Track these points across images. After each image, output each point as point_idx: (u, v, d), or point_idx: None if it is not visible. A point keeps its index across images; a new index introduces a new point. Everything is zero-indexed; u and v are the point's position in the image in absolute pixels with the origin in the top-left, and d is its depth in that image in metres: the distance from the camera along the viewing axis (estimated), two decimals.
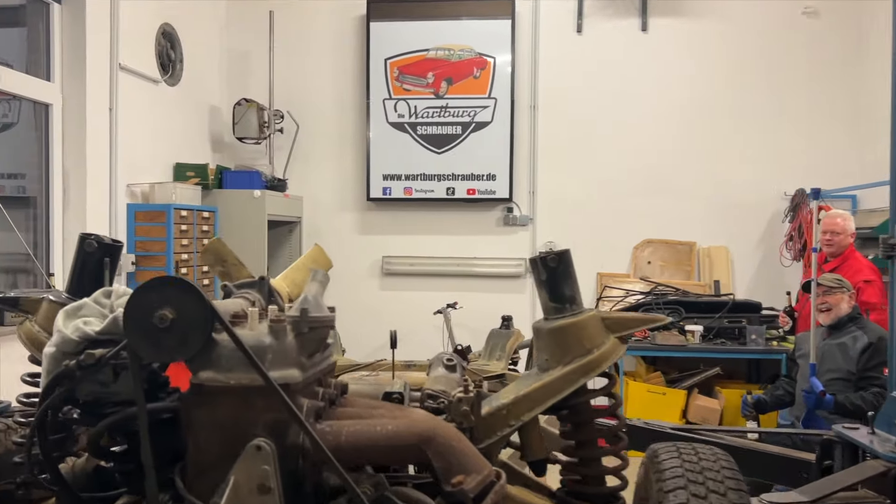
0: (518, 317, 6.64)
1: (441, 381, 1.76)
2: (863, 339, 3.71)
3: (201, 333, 1.25)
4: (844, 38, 6.62)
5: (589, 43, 6.85)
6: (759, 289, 6.63)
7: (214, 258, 2.14)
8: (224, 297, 1.64)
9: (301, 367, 1.29)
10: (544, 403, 1.57)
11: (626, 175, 6.77)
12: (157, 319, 1.21)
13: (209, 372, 1.27)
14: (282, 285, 2.12)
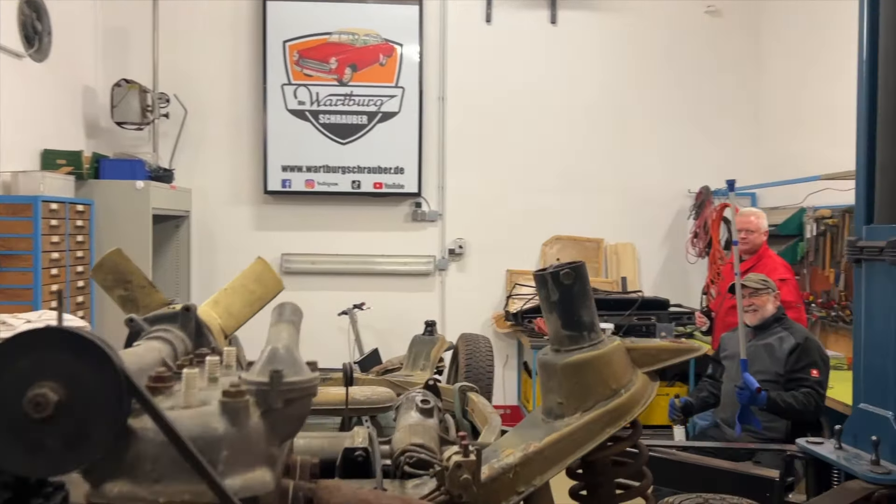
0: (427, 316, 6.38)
1: (418, 432, 1.34)
2: (790, 340, 3.67)
3: (109, 423, 0.77)
4: (745, 37, 6.75)
5: (498, 33, 6.64)
6: (665, 285, 6.67)
7: (113, 277, 1.55)
8: (129, 338, 1.16)
9: (272, 464, 0.86)
10: (562, 462, 1.21)
11: (536, 170, 6.63)
12: (29, 405, 0.75)
13: (123, 484, 0.81)
14: (211, 315, 1.58)
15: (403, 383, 3.24)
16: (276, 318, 1.03)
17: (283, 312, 1.09)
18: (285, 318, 1.05)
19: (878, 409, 2.04)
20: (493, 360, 3.47)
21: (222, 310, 1.65)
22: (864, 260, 2.12)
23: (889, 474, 1.91)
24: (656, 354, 1.20)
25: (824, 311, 5.30)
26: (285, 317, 1.07)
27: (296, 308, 1.06)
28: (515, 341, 6.58)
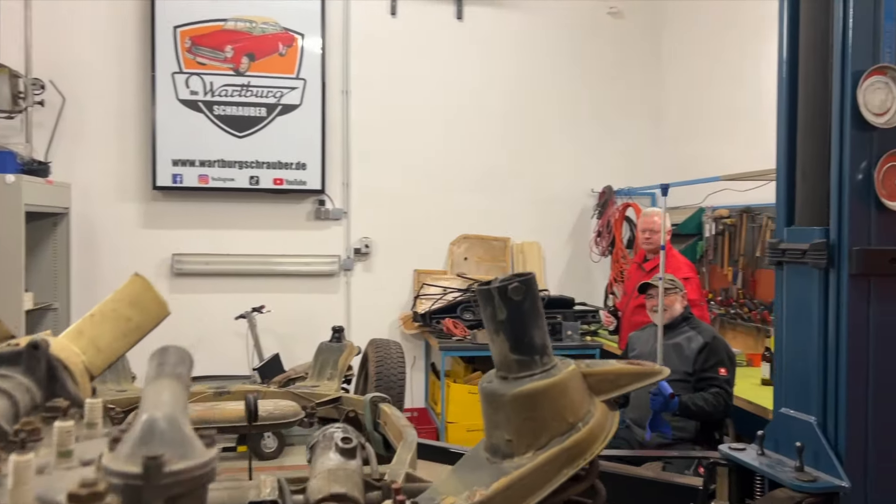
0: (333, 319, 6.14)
1: (339, 478, 1.10)
2: (697, 339, 3.70)
3: None
4: (647, 38, 6.88)
5: (404, 27, 6.47)
6: (570, 284, 6.71)
7: None
8: None
9: None
10: None
11: (443, 168, 6.50)
12: None
13: None
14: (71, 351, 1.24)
15: (309, 395, 3.02)
16: (155, 370, 0.77)
17: (163, 362, 0.79)
18: (168, 371, 0.77)
19: (801, 413, 2.02)
20: (404, 366, 3.31)
21: (87, 343, 1.32)
22: (786, 262, 2.09)
23: (815, 482, 1.87)
24: (615, 380, 1.04)
25: (723, 308, 5.45)
26: (167, 369, 0.78)
27: (182, 355, 0.79)
28: (423, 342, 6.44)
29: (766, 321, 4.98)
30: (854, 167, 1.90)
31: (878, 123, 1.87)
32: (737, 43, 5.63)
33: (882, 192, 1.88)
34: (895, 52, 1.93)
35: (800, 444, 1.94)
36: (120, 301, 1.40)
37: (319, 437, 1.23)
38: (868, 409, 1.91)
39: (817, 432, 1.95)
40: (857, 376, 1.90)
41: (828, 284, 1.96)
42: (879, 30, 1.90)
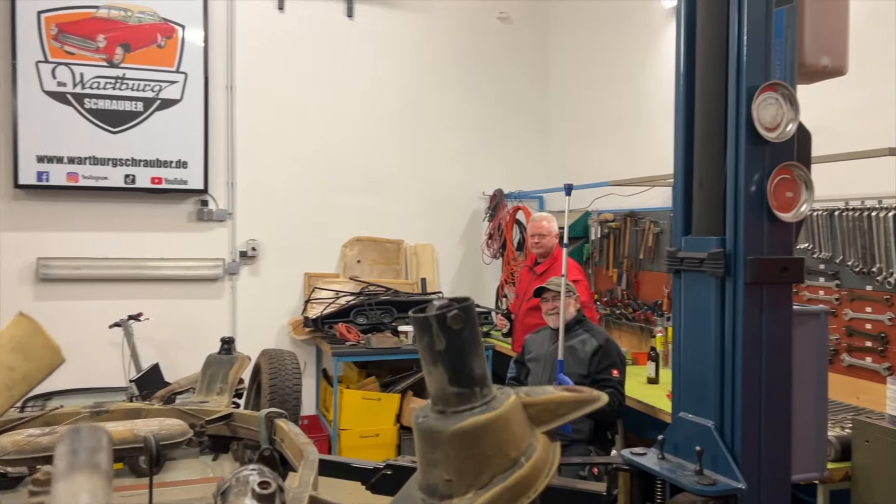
0: (217, 326, 5.88)
1: None
2: (591, 342, 3.77)
3: None
4: (534, 45, 7.00)
5: (292, 23, 6.26)
6: (462, 286, 6.74)
7: None
8: None
9: None
10: None
11: (335, 168, 6.35)
12: None
13: None
14: None
15: (198, 412, 2.84)
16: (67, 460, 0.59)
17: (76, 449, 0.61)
18: (83, 460, 0.60)
19: (699, 418, 2.07)
20: (300, 378, 3.17)
21: None
22: (684, 270, 2.14)
23: (714, 484, 1.93)
24: (556, 409, 0.99)
25: (609, 308, 5.63)
26: (82, 458, 0.60)
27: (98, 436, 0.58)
28: (314, 348, 6.26)
29: (649, 321, 5.18)
30: (748, 179, 1.97)
31: (770, 138, 1.95)
32: (621, 52, 5.83)
33: (774, 204, 1.96)
34: (784, 65, 2.02)
35: (699, 448, 1.99)
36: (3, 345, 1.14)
37: (232, 481, 1.10)
38: (761, 412, 1.98)
39: (715, 436, 2.01)
40: (752, 380, 1.98)
41: (724, 292, 2.02)
42: (770, 45, 1.98)
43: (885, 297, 3.39)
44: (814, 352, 2.11)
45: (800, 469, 2.09)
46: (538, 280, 4.80)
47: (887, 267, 3.34)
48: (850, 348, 3.57)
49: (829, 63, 2.12)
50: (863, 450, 2.77)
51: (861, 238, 3.47)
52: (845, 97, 3.71)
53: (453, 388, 0.89)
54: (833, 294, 3.66)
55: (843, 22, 2.14)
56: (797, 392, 2.06)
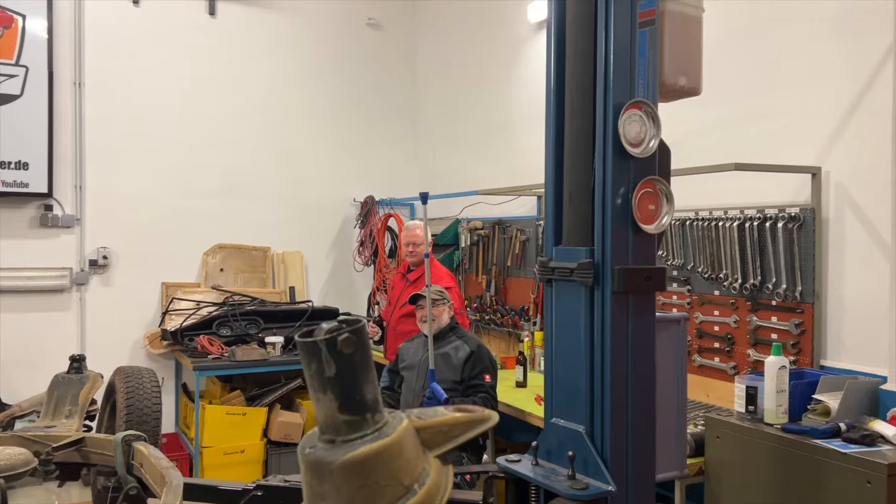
0: (63, 341, 5.44)
1: None
2: (464, 348, 3.81)
3: None
4: (404, 52, 7.02)
5: (149, 18, 5.91)
6: (333, 294, 6.63)
7: None
8: None
9: None
10: None
11: (195, 172, 6.04)
12: None
13: None
14: None
15: (44, 438, 2.59)
16: None
17: None
18: None
19: (571, 423, 2.13)
20: (160, 397, 2.97)
21: None
22: (555, 280, 2.20)
23: (586, 489, 1.99)
24: (448, 431, 0.95)
25: (478, 314, 5.72)
26: None
27: None
28: (173, 362, 5.92)
29: (517, 326, 5.32)
30: (615, 192, 2.05)
31: (634, 153, 2.05)
32: (489, 63, 5.96)
33: (638, 216, 2.06)
34: (647, 84, 2.13)
35: (571, 453, 2.05)
36: None
37: None
38: (629, 416, 2.07)
39: (586, 440, 2.08)
40: (619, 386, 2.06)
41: (593, 300, 2.10)
42: (635, 65, 2.08)
43: (730, 302, 3.65)
44: (674, 356, 2.24)
45: (663, 468, 2.20)
46: (411, 287, 4.81)
47: (732, 273, 3.61)
48: (701, 349, 3.82)
49: (685, 83, 2.26)
50: (714, 445, 2.96)
51: (709, 246, 3.73)
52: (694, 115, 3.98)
53: (343, 415, 0.85)
54: (685, 299, 3.91)
55: (698, 45, 2.29)
56: (659, 395, 2.18)
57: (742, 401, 2.92)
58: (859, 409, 2.81)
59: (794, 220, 3.34)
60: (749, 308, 3.56)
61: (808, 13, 3.41)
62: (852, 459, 2.46)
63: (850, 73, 3.23)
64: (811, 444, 2.61)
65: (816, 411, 2.83)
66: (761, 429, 2.80)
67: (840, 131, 3.27)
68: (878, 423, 2.66)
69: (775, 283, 3.42)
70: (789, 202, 3.43)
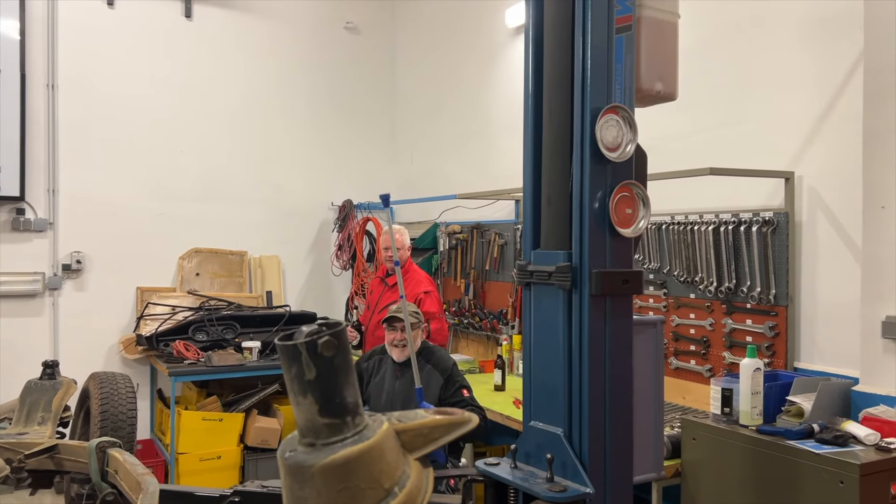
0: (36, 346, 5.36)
1: None
2: (436, 376, 3.70)
3: None
4: (382, 56, 7.01)
5: (124, 20, 5.85)
6: (311, 298, 6.60)
7: None
8: None
9: None
10: None
11: (171, 176, 5.99)
12: None
13: None
14: None
15: (16, 445, 2.54)
16: None
17: None
18: None
19: (549, 426, 2.14)
20: (135, 403, 2.93)
21: None
22: (534, 283, 2.21)
23: (564, 491, 1.99)
24: (429, 434, 0.95)
25: (457, 318, 5.73)
26: None
27: None
28: (148, 367, 5.85)
29: (495, 330, 5.33)
30: (592, 196, 2.06)
31: (611, 157, 2.06)
32: (467, 68, 5.98)
33: (616, 220, 2.07)
34: (623, 89, 2.14)
35: (550, 456, 2.06)
36: None
37: None
38: (606, 418, 2.08)
39: (564, 443, 2.09)
40: (597, 388, 2.07)
41: (571, 303, 2.11)
42: (612, 70, 2.10)
43: (706, 305, 3.69)
44: (651, 359, 2.25)
45: (640, 470, 2.22)
46: (389, 291, 4.80)
47: (708, 276, 3.65)
48: (677, 352, 3.86)
49: (662, 88, 2.28)
50: (690, 447, 2.99)
51: (685, 250, 3.77)
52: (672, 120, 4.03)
53: (324, 419, 0.84)
54: (661, 302, 3.95)
55: (674, 51, 2.31)
56: (636, 397, 2.19)
57: (717, 403, 2.95)
58: (832, 411, 2.85)
59: (767, 224, 3.39)
60: (724, 311, 3.60)
61: (781, 21, 3.47)
62: (825, 460, 2.50)
63: (821, 79, 3.29)
64: (785, 445, 2.64)
65: (790, 413, 2.87)
66: (736, 430, 2.83)
67: (812, 136, 3.33)
68: (850, 423, 2.70)
69: (750, 286, 3.46)
70: (763, 206, 3.48)
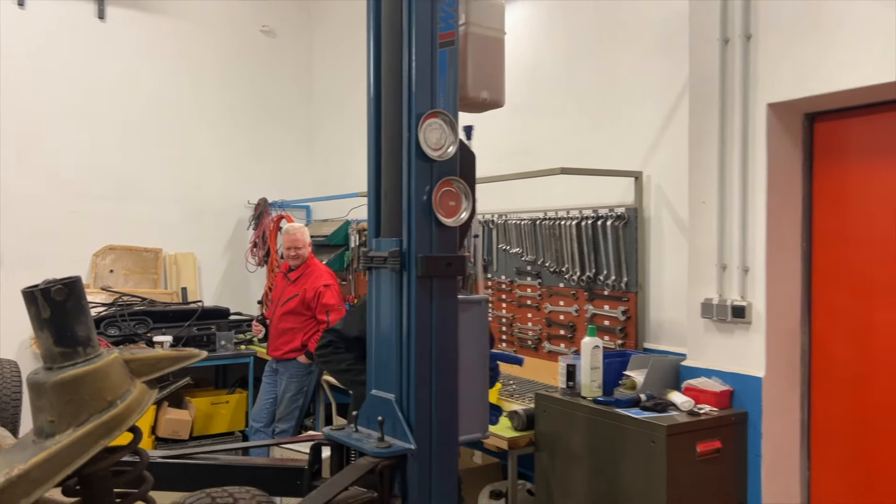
0: None
1: None
2: None
3: None
4: (298, 59, 7.23)
5: (34, 20, 5.94)
6: (226, 294, 6.76)
7: None
8: None
9: None
10: (51, 481, 1.14)
11: (84, 173, 6.10)
12: None
13: None
14: None
15: None
16: None
17: None
18: None
19: (385, 393, 2.42)
20: (20, 387, 3.11)
21: None
22: (373, 268, 2.49)
23: (390, 447, 2.27)
24: (155, 363, 1.25)
25: None
26: None
27: None
28: None
29: None
30: (419, 191, 2.35)
31: (434, 157, 2.35)
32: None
33: (439, 212, 2.36)
34: (447, 97, 2.44)
35: (381, 419, 2.34)
36: None
37: None
38: (431, 384, 2.37)
39: (395, 407, 2.37)
40: (423, 358, 2.36)
41: (402, 285, 2.39)
42: (436, 80, 2.39)
43: (572, 293, 4.04)
44: (476, 333, 2.55)
45: (467, 431, 2.51)
46: (292, 285, 5.04)
47: (573, 267, 4.00)
48: (550, 337, 4.20)
49: (488, 96, 2.59)
50: (542, 419, 3.32)
51: (554, 243, 4.11)
52: (544, 125, 4.37)
53: (58, 348, 1.10)
54: (537, 291, 4.28)
55: (500, 63, 2.62)
56: (464, 367, 2.49)
57: (564, 378, 3.28)
58: (663, 383, 3.21)
59: (620, 219, 3.74)
60: (587, 298, 3.95)
61: (637, 35, 3.83)
62: (642, 423, 2.85)
63: (667, 89, 3.66)
64: (615, 412, 2.98)
65: (625, 385, 3.23)
66: (578, 402, 3.16)
67: (658, 140, 3.70)
68: (674, 393, 3.06)
69: (606, 274, 3.82)
70: (618, 203, 3.84)
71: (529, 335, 4.33)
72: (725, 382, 3.06)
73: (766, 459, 2.96)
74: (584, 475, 3.10)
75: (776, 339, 3.00)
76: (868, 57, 2.62)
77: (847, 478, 2.98)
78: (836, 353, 3.02)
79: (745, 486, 2.99)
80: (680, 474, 2.78)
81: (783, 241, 3.04)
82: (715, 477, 2.90)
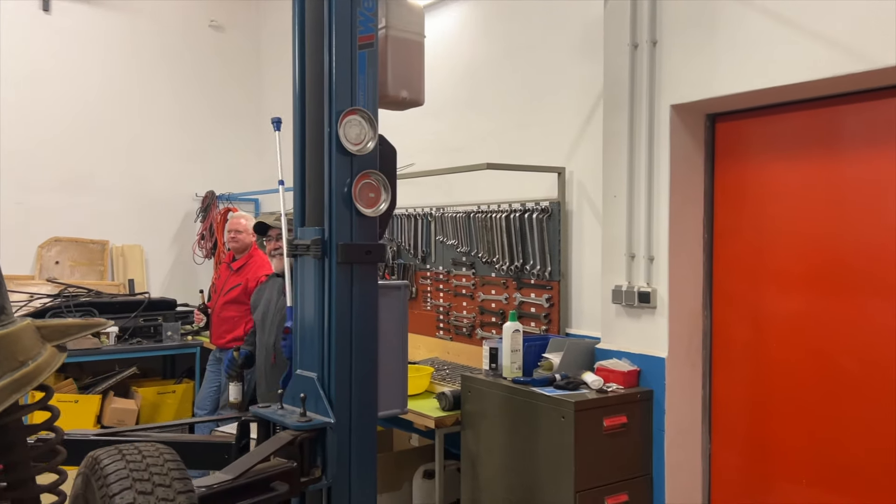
0: None
1: None
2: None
3: None
4: (247, 53, 7.32)
5: None
6: (174, 286, 6.84)
7: None
8: None
9: None
10: None
11: (30, 166, 6.12)
12: None
13: None
14: None
15: None
16: None
17: None
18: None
19: (308, 372, 2.59)
20: None
21: None
22: (298, 255, 2.65)
23: (310, 421, 2.45)
24: (65, 330, 1.42)
25: None
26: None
27: None
28: None
29: None
30: (340, 183, 2.53)
31: (353, 151, 2.53)
32: None
33: (359, 202, 2.54)
34: (366, 95, 2.61)
35: (303, 395, 2.51)
36: None
37: None
38: (352, 364, 2.55)
39: (317, 385, 2.54)
40: (343, 339, 2.53)
41: (324, 270, 2.56)
42: (355, 79, 2.56)
43: (502, 282, 4.25)
44: (396, 316, 2.74)
45: (387, 406, 2.70)
46: (235, 275, 5.16)
47: (503, 257, 4.21)
48: (483, 324, 4.41)
49: (407, 95, 2.77)
50: (467, 399, 3.52)
51: (486, 235, 4.32)
52: (476, 124, 4.58)
53: None
54: (471, 280, 4.49)
55: (420, 64, 2.81)
56: (385, 347, 2.67)
57: (487, 360, 3.49)
58: (578, 364, 3.44)
59: (544, 212, 3.96)
60: (515, 287, 4.17)
61: (558, 40, 4.05)
62: (553, 401, 3.07)
63: (588, 89, 3.89)
64: (531, 391, 3.20)
65: (543, 367, 3.45)
66: (499, 382, 3.37)
67: (580, 137, 3.93)
68: (586, 373, 3.29)
69: (532, 264, 4.04)
70: (544, 197, 4.06)
71: (464, 323, 4.53)
72: (633, 363, 3.30)
73: (670, 433, 3.21)
74: (503, 450, 3.31)
75: (678, 323, 3.24)
76: (761, 62, 2.87)
77: (744, 450, 3.25)
78: (735, 335, 3.28)
79: (650, 458, 3.24)
80: (587, 447, 3.01)
81: (686, 232, 3.28)
82: (621, 449, 3.14)
